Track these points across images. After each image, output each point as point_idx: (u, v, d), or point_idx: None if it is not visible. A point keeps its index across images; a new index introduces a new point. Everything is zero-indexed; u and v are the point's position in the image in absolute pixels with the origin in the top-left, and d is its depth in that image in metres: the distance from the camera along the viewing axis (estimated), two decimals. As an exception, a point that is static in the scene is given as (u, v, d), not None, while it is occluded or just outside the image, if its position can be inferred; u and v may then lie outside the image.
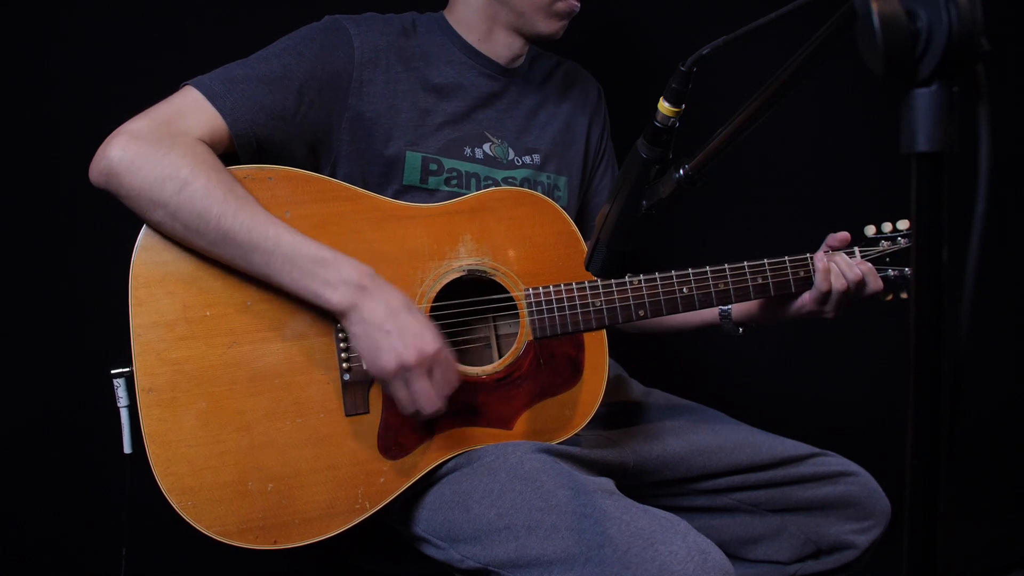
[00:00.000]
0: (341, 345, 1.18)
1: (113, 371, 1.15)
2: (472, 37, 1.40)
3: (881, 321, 2.08)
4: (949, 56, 0.52)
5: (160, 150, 1.10)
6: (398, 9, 1.41)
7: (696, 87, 0.80)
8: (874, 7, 0.52)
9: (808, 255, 1.35)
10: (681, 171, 0.82)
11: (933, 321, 0.55)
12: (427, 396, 1.12)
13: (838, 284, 1.31)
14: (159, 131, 1.13)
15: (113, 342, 1.16)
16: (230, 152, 1.20)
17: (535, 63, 1.50)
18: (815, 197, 2.15)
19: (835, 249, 1.37)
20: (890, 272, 1.37)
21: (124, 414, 1.17)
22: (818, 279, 1.32)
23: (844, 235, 1.38)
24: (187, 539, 1.11)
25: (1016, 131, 2.14)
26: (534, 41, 1.43)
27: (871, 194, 2.11)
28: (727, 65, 1.63)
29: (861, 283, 1.32)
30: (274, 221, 1.12)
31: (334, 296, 1.11)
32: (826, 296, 1.33)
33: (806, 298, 1.35)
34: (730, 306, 1.44)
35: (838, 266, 1.32)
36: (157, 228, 1.14)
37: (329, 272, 1.11)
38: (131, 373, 1.13)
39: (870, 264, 1.35)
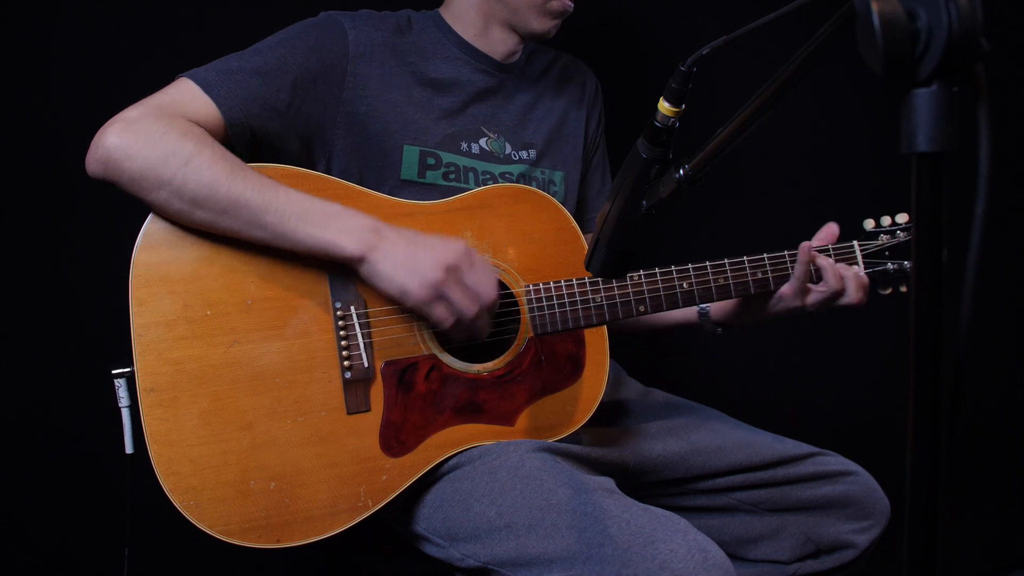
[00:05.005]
0: (342, 343, 1.19)
1: (114, 371, 1.16)
2: (468, 33, 1.41)
3: (881, 321, 2.08)
4: (949, 56, 0.52)
5: (158, 131, 1.11)
6: (394, 6, 1.41)
7: (696, 87, 0.80)
8: (874, 7, 0.52)
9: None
10: (681, 171, 0.82)
11: (933, 321, 0.55)
12: (486, 282, 1.17)
13: (836, 284, 1.30)
14: (154, 115, 1.13)
15: (114, 342, 1.16)
16: (224, 143, 1.20)
17: (532, 58, 1.50)
18: (815, 196, 2.15)
19: (820, 249, 1.35)
20: (889, 266, 1.36)
21: (125, 414, 1.17)
22: (795, 281, 1.30)
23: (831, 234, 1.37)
24: (190, 539, 1.12)
25: (1016, 131, 2.14)
26: (527, 38, 1.43)
27: (871, 193, 2.11)
28: (727, 65, 1.63)
29: (840, 292, 1.31)
30: (278, 184, 1.14)
31: (350, 243, 1.13)
32: (805, 292, 1.32)
33: (785, 291, 1.32)
34: (708, 307, 1.44)
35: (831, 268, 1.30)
36: (159, 210, 1.14)
37: (341, 222, 1.13)
38: (132, 373, 1.13)
39: (863, 275, 1.33)
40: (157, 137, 1.10)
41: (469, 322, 1.16)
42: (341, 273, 1.19)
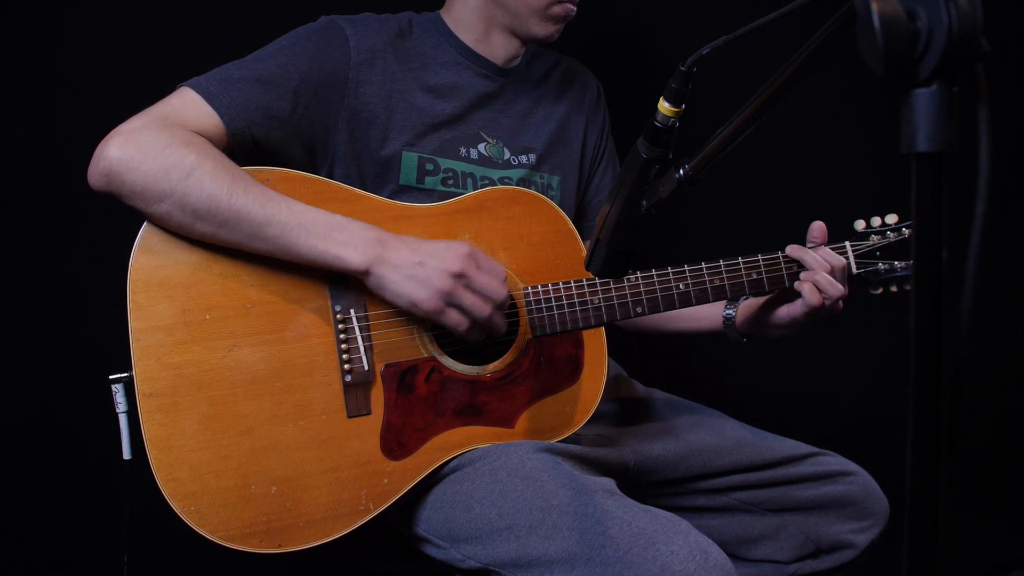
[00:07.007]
0: (342, 347, 1.18)
1: (111, 377, 1.15)
2: (469, 37, 1.40)
3: (881, 321, 2.08)
4: (949, 56, 0.52)
5: (159, 143, 1.10)
6: (395, 9, 1.41)
7: (696, 87, 0.80)
8: (874, 7, 0.52)
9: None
10: (681, 171, 0.82)
11: (933, 321, 0.55)
12: (495, 280, 1.17)
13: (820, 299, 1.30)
14: (156, 126, 1.13)
15: (112, 347, 1.16)
16: (226, 152, 1.20)
17: (533, 62, 1.50)
18: (814, 196, 2.15)
19: (816, 243, 1.35)
20: (880, 265, 1.37)
21: (123, 420, 1.16)
22: (808, 299, 1.30)
23: (822, 227, 1.36)
24: (190, 544, 1.11)
25: (1016, 131, 2.14)
26: (529, 43, 1.44)
27: (870, 194, 2.11)
28: (727, 65, 1.63)
29: (836, 304, 1.31)
30: (281, 195, 1.14)
31: (355, 256, 1.12)
32: (818, 310, 1.31)
33: (797, 309, 1.32)
34: (734, 314, 1.43)
35: (819, 286, 1.30)
36: (161, 222, 1.13)
37: (345, 234, 1.13)
38: (129, 379, 1.13)
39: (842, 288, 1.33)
40: (159, 149, 1.10)
41: (484, 322, 1.17)
42: (341, 276, 1.19)
